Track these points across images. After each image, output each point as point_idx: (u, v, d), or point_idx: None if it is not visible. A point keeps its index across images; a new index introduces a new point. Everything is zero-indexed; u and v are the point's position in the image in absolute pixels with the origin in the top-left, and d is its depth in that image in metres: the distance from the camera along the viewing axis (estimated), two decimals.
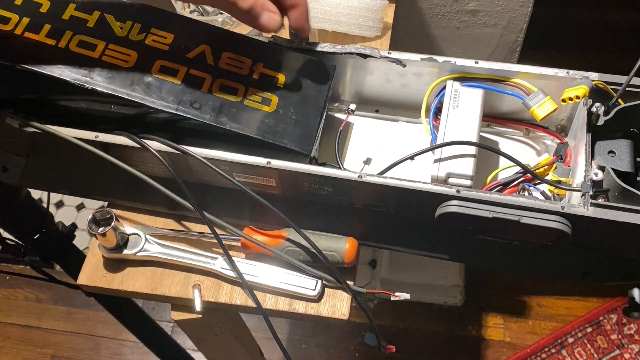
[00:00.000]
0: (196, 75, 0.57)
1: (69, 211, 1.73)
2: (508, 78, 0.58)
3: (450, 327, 1.52)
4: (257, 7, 0.53)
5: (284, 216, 0.54)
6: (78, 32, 0.57)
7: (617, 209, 0.48)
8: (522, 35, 1.10)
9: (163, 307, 1.54)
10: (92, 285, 0.63)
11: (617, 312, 1.48)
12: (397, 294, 0.57)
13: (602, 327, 1.47)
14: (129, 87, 0.56)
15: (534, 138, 0.64)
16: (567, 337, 1.46)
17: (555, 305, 1.51)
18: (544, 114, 0.56)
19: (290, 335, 1.53)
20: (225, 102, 0.56)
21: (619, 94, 0.52)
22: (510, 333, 1.49)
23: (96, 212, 0.60)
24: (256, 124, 0.56)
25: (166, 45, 0.58)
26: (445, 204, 0.51)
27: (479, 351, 1.47)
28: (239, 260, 0.60)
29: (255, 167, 0.55)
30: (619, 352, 1.44)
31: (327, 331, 1.53)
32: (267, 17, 0.53)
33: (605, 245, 0.53)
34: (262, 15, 0.53)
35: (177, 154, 0.56)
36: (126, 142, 0.56)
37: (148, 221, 0.65)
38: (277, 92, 0.58)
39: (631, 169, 0.52)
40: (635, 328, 1.46)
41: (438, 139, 0.58)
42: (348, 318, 0.58)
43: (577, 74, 0.56)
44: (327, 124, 0.64)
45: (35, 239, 0.97)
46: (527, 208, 0.50)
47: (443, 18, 1.08)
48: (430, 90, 0.61)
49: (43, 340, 1.56)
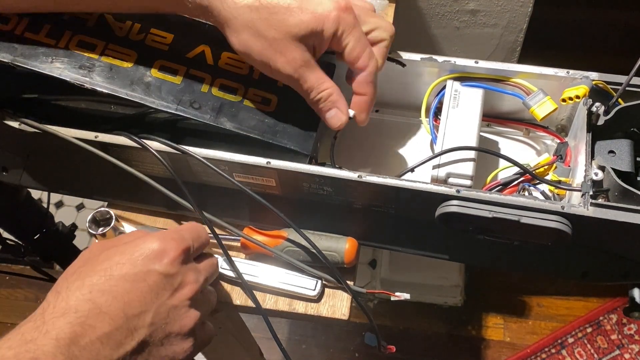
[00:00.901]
0: (196, 75, 0.57)
1: (69, 211, 1.73)
2: (508, 78, 0.58)
3: (450, 327, 1.52)
4: (328, 102, 0.53)
5: (284, 216, 0.54)
6: (78, 32, 0.57)
7: (617, 208, 0.48)
8: (522, 35, 1.10)
9: None
10: None
11: (617, 312, 1.48)
12: (397, 294, 0.57)
13: (602, 327, 1.47)
14: (128, 87, 0.56)
15: (534, 138, 0.64)
16: (567, 337, 1.46)
17: (555, 305, 1.51)
18: (544, 114, 0.56)
19: (290, 335, 1.53)
20: (225, 102, 0.56)
21: (619, 94, 0.52)
22: (510, 333, 1.49)
23: (96, 212, 0.60)
24: (256, 124, 0.56)
25: (166, 45, 0.58)
26: (445, 204, 0.51)
27: (479, 351, 1.47)
28: (238, 260, 0.60)
29: (255, 167, 0.55)
30: (619, 352, 1.43)
31: (327, 331, 1.53)
32: (334, 114, 0.54)
33: (605, 245, 0.53)
34: (330, 111, 0.54)
35: (177, 154, 0.56)
36: (126, 142, 0.56)
37: (148, 221, 0.65)
38: (277, 92, 0.58)
39: (631, 169, 0.52)
40: (636, 328, 1.46)
41: (438, 139, 0.58)
42: (348, 318, 0.58)
43: (577, 73, 0.56)
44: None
45: (35, 239, 0.97)
46: (527, 208, 0.50)
47: (443, 18, 1.08)
48: (430, 90, 0.61)
49: None
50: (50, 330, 0.39)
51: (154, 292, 0.43)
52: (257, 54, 0.51)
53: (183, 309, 0.45)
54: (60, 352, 0.38)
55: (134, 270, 0.43)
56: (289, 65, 0.51)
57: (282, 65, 0.51)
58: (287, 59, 0.50)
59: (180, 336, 0.45)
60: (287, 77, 0.52)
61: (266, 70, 0.53)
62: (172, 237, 0.47)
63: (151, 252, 0.44)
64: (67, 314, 0.40)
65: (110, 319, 0.40)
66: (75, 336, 0.39)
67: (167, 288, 0.44)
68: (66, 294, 0.41)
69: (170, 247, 0.45)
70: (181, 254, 0.46)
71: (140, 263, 0.43)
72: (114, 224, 0.59)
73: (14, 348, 0.38)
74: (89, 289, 0.41)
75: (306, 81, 0.52)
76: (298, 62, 0.51)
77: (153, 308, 0.43)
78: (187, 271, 0.46)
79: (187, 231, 0.49)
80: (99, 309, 0.40)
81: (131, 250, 0.44)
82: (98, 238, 0.60)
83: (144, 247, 0.44)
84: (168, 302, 0.44)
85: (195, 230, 0.50)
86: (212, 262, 0.52)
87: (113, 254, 0.44)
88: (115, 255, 0.44)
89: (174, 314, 0.44)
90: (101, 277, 0.42)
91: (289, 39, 0.50)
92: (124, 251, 0.44)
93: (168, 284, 0.44)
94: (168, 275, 0.44)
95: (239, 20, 0.50)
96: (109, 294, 0.41)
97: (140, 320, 0.42)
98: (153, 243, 0.45)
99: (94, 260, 0.44)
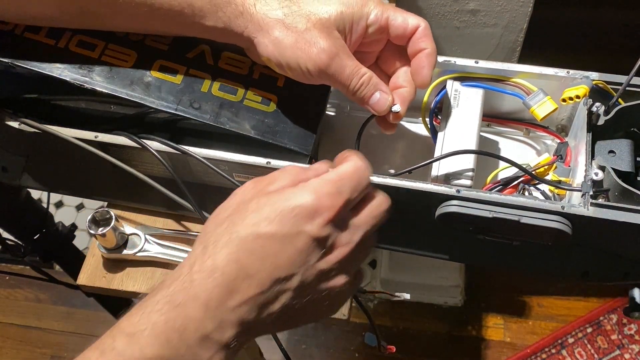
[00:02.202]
0: (196, 75, 0.57)
1: (68, 211, 1.73)
2: (508, 78, 0.58)
3: (451, 327, 1.51)
4: (370, 86, 0.52)
5: None
6: (77, 32, 0.57)
7: (618, 208, 0.48)
8: (522, 35, 1.10)
9: None
10: (92, 285, 0.63)
11: (618, 312, 1.47)
12: (397, 294, 0.57)
13: (602, 328, 1.47)
14: (128, 87, 0.56)
15: (534, 138, 0.64)
16: (568, 338, 1.46)
17: (556, 305, 1.51)
18: (544, 114, 0.56)
19: (290, 335, 1.53)
20: (225, 102, 0.56)
21: (619, 94, 0.52)
22: (510, 333, 1.49)
23: (96, 212, 0.60)
24: (256, 124, 0.56)
25: (166, 45, 0.58)
26: (445, 204, 0.51)
27: (479, 351, 1.47)
28: None
29: (255, 167, 0.55)
30: (619, 353, 1.43)
31: (327, 331, 1.53)
32: (379, 97, 0.53)
33: (605, 245, 0.53)
34: (374, 95, 0.53)
35: (177, 154, 0.56)
36: (126, 142, 0.56)
37: (148, 221, 0.65)
38: (277, 92, 0.58)
39: (631, 169, 0.52)
40: (636, 328, 1.46)
41: (438, 139, 0.58)
42: (348, 318, 0.58)
43: (577, 73, 0.56)
44: (327, 124, 0.64)
45: (35, 239, 0.97)
46: (527, 208, 0.50)
47: (443, 18, 1.08)
48: (430, 89, 0.61)
49: (43, 340, 1.55)
50: (198, 294, 0.38)
51: (302, 255, 0.40)
52: (290, 48, 0.50)
53: (332, 272, 0.42)
54: (208, 318, 0.38)
55: (283, 231, 0.40)
56: (324, 54, 0.50)
57: (316, 55, 0.50)
58: (321, 47, 0.50)
59: (324, 298, 0.43)
60: (323, 68, 0.50)
61: (299, 69, 0.51)
62: (329, 190, 0.41)
63: (303, 209, 0.40)
64: (214, 275, 0.39)
65: (257, 283, 0.39)
66: (223, 300, 0.39)
67: (317, 251, 0.41)
68: (213, 249, 0.40)
69: (324, 205, 0.41)
70: (336, 215, 0.41)
71: (291, 222, 0.40)
72: (113, 224, 0.59)
73: (165, 313, 0.38)
74: (237, 247, 0.40)
75: (345, 69, 0.51)
76: (333, 50, 0.50)
77: (300, 272, 0.40)
78: (341, 232, 0.42)
79: (348, 180, 0.42)
80: (246, 272, 0.39)
81: (282, 203, 0.41)
82: (98, 238, 0.60)
83: (296, 202, 0.40)
84: (317, 265, 0.41)
85: (356, 179, 0.43)
86: (374, 213, 0.44)
87: (264, 204, 0.41)
88: (265, 207, 0.41)
89: (322, 278, 0.42)
90: (249, 234, 0.40)
91: (320, 27, 0.50)
92: (275, 203, 0.41)
93: (318, 246, 0.41)
94: (319, 238, 0.40)
95: (270, 18, 0.50)
96: (256, 254, 0.40)
97: (287, 284, 0.40)
98: (306, 197, 0.40)
99: (244, 209, 0.41)
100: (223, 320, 0.39)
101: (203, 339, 0.38)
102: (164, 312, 0.38)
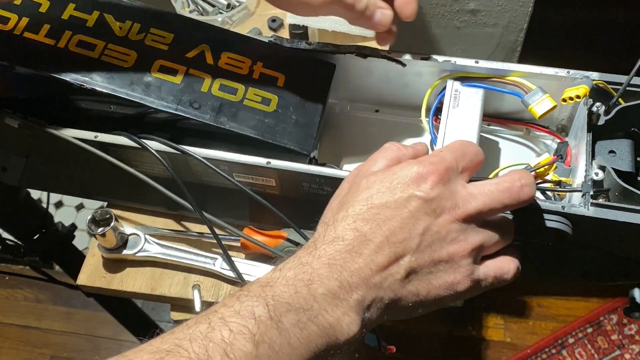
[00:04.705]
0: (196, 75, 0.57)
1: (68, 211, 1.73)
2: (506, 75, 0.58)
3: (451, 327, 1.51)
4: (371, 6, 0.54)
5: (284, 216, 0.54)
6: (77, 32, 0.57)
7: (618, 208, 0.48)
8: (522, 35, 1.10)
9: (163, 307, 1.54)
10: (92, 285, 0.63)
11: (618, 313, 1.47)
12: None
13: (602, 328, 1.47)
14: (128, 87, 0.56)
15: (534, 138, 0.64)
16: (568, 338, 1.46)
17: (556, 305, 1.51)
18: (542, 112, 0.56)
19: None
20: (225, 102, 0.56)
21: (619, 94, 0.52)
22: (510, 333, 1.49)
23: (95, 212, 0.60)
24: (256, 124, 0.56)
25: (166, 45, 0.58)
26: None
27: (479, 352, 1.47)
28: (238, 260, 0.60)
29: (255, 167, 0.55)
30: (619, 353, 1.43)
31: None
32: (381, 14, 0.55)
33: (606, 245, 0.53)
34: (375, 14, 0.55)
35: (177, 154, 0.56)
36: (126, 142, 0.56)
37: (147, 221, 0.65)
38: (277, 92, 0.58)
39: (632, 169, 0.52)
40: (636, 328, 1.46)
41: (438, 139, 0.58)
42: None
43: (577, 73, 0.56)
44: (327, 123, 0.64)
45: (34, 239, 0.97)
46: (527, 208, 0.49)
47: (443, 18, 1.08)
48: (431, 90, 0.61)
49: (42, 340, 1.55)
50: (322, 256, 0.41)
51: (415, 217, 0.42)
52: None
53: (449, 234, 0.43)
54: (333, 276, 0.40)
55: (394, 198, 0.43)
56: None
57: None
58: None
59: (450, 264, 0.43)
60: None
61: None
62: (431, 160, 0.44)
63: (409, 178, 0.43)
64: (335, 242, 0.41)
65: (375, 246, 0.41)
66: (345, 262, 0.40)
67: (429, 213, 0.42)
68: (333, 225, 0.43)
69: (428, 170, 0.43)
70: (441, 178, 0.43)
71: (400, 190, 0.43)
72: (113, 224, 0.59)
73: (293, 269, 0.40)
74: (353, 218, 0.42)
75: None
76: None
77: (416, 234, 0.42)
78: (450, 194, 0.43)
79: (449, 151, 0.45)
80: (364, 237, 0.41)
81: (390, 178, 0.44)
82: (98, 238, 0.60)
83: (403, 174, 0.43)
84: (432, 227, 0.42)
85: (458, 149, 0.45)
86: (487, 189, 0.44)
87: (373, 182, 0.44)
88: (375, 184, 0.44)
89: (439, 240, 0.43)
90: (363, 206, 0.43)
91: None
92: (383, 179, 0.44)
93: (429, 208, 0.42)
94: (428, 199, 0.42)
95: None
96: (372, 221, 0.42)
97: (405, 247, 0.42)
98: (411, 168, 0.43)
99: (356, 189, 0.44)
100: (347, 281, 0.40)
101: (330, 295, 0.39)
102: (292, 268, 0.40)
